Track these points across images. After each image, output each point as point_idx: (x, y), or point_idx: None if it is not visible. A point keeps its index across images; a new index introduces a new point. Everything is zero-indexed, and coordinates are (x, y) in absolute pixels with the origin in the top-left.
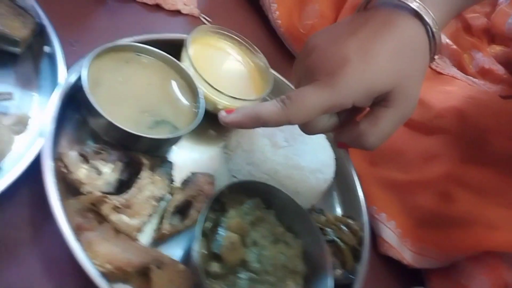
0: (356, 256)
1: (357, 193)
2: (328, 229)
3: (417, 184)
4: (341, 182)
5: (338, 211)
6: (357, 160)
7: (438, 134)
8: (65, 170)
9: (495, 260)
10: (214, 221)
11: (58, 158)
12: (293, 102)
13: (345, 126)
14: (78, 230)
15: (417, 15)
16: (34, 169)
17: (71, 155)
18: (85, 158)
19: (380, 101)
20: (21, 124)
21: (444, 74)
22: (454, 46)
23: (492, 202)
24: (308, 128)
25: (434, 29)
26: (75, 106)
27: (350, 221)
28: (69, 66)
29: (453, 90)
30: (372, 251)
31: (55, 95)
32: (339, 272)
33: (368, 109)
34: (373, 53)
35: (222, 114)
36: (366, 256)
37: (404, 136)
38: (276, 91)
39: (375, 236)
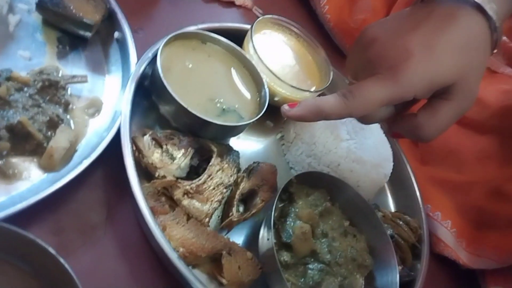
0: (416, 253)
1: (413, 190)
2: (386, 225)
3: (471, 184)
4: (395, 178)
5: (391, 207)
6: (409, 159)
7: (493, 133)
8: (139, 154)
9: None
10: (281, 210)
11: (131, 142)
12: (355, 96)
13: (401, 116)
14: (152, 214)
15: (479, 8)
16: (110, 152)
17: (145, 139)
18: (157, 143)
19: (440, 93)
20: (94, 107)
21: (499, 73)
22: (511, 44)
23: None
24: (366, 119)
25: (497, 24)
26: (143, 93)
27: (407, 218)
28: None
29: (510, 89)
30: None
31: (131, 79)
32: (399, 268)
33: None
34: (437, 48)
35: (285, 108)
36: (425, 254)
37: (458, 134)
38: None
39: (431, 235)
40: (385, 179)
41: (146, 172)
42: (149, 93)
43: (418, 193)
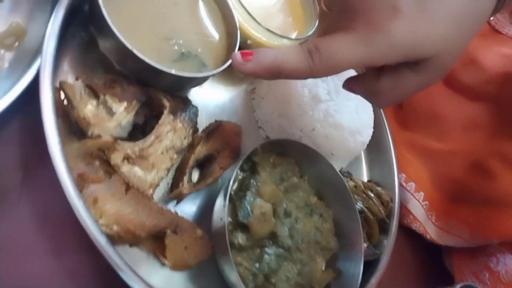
0: (384, 228)
1: (390, 159)
2: (356, 197)
3: (453, 154)
4: (373, 144)
5: (365, 173)
6: (390, 121)
7: (486, 101)
8: (67, 105)
9: None
10: (240, 182)
11: (59, 88)
12: (322, 57)
13: (362, 75)
14: (81, 181)
15: None
16: (29, 99)
17: (76, 86)
18: (93, 92)
19: (411, 63)
20: (13, 36)
21: (503, 34)
22: None
23: None
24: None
25: None
26: (83, 22)
27: (380, 190)
28: None
29: (511, 54)
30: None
31: (59, 3)
32: (364, 246)
33: None
34: (430, 12)
35: (237, 59)
36: (394, 231)
37: (446, 98)
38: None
39: (401, 206)
40: (362, 147)
41: (79, 129)
42: (88, 23)
43: (394, 163)
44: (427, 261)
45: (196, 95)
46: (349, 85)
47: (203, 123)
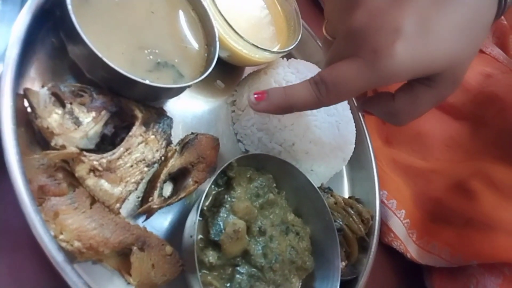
0: (363, 246)
1: (371, 175)
2: (336, 214)
3: (435, 173)
4: (355, 160)
5: (346, 189)
6: (373, 136)
7: (469, 120)
8: (31, 113)
9: None
10: (214, 198)
11: (23, 95)
12: (329, 87)
13: (377, 96)
14: (42, 194)
15: None
16: None
17: (41, 93)
18: (59, 100)
19: (424, 79)
20: None
21: (486, 54)
22: (505, 22)
23: None
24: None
25: None
26: (52, 26)
27: (360, 207)
28: None
29: (494, 74)
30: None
31: (26, 6)
32: (342, 264)
33: None
34: (433, 30)
35: (252, 100)
36: (373, 249)
37: (430, 116)
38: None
39: (382, 224)
40: (343, 163)
41: (43, 140)
42: (58, 29)
43: (376, 180)
44: (407, 281)
45: (173, 106)
46: (364, 107)
47: (179, 135)
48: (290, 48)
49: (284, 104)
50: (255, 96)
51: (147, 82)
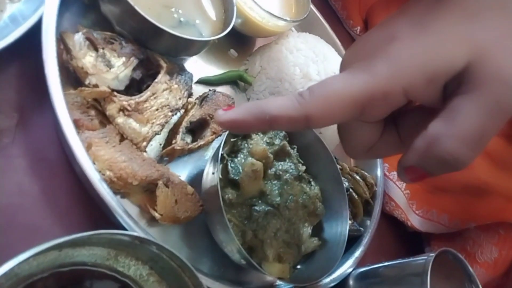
0: (367, 210)
1: None
2: (342, 178)
3: None
4: None
5: (351, 161)
6: None
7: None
8: (67, 55)
9: (507, 231)
10: (232, 145)
11: (59, 39)
12: (314, 93)
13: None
14: (76, 127)
15: None
16: (28, 46)
17: (77, 37)
18: (93, 44)
19: (455, 89)
20: None
21: None
22: None
23: None
24: (344, 141)
25: None
26: None
27: (365, 173)
28: None
29: None
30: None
31: None
32: (349, 222)
33: None
34: (431, 23)
35: (219, 112)
36: (377, 212)
37: None
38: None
39: (384, 194)
40: None
41: (76, 78)
42: None
43: None
44: (407, 247)
45: (191, 71)
46: (402, 164)
47: (196, 93)
48: (301, 18)
49: (257, 110)
50: (223, 108)
51: (175, 33)
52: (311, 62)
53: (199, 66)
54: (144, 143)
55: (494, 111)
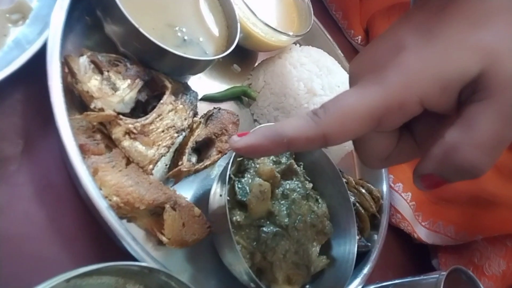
0: (374, 223)
1: None
2: (349, 192)
3: None
4: None
5: (356, 174)
6: None
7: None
8: (72, 79)
9: None
10: (238, 164)
11: (63, 62)
12: (329, 111)
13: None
14: (82, 153)
15: None
16: (33, 71)
17: (81, 60)
18: (97, 68)
19: (469, 96)
20: (19, 13)
21: None
22: None
23: None
24: (361, 152)
25: None
26: (87, 7)
27: (371, 187)
28: None
29: None
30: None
31: None
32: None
33: None
34: (437, 30)
35: (234, 139)
36: (384, 225)
37: None
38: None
39: (389, 206)
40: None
41: (81, 102)
42: (93, 8)
43: None
44: (415, 260)
45: (194, 87)
46: (418, 172)
47: (201, 111)
48: (304, 32)
49: (272, 134)
50: (238, 134)
51: (179, 53)
52: (315, 77)
53: (202, 82)
54: (151, 166)
55: (507, 116)
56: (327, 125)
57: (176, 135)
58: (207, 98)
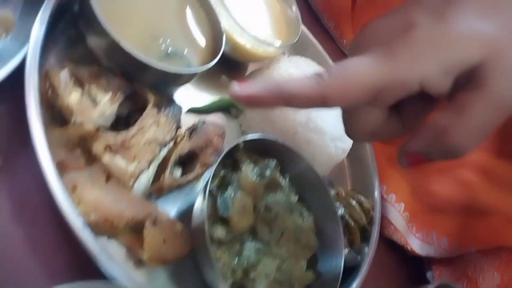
0: (365, 236)
1: (370, 169)
2: (338, 204)
3: (433, 168)
4: (354, 155)
5: (348, 184)
6: None
7: None
8: (52, 93)
9: (508, 255)
10: (221, 179)
11: (44, 76)
12: (334, 75)
13: (417, 129)
14: (61, 169)
15: None
16: (12, 87)
17: (62, 74)
18: (78, 81)
19: (464, 83)
20: (2, 26)
21: None
22: None
23: None
24: (349, 124)
25: None
26: (70, 19)
27: (361, 198)
28: None
29: None
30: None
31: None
32: (345, 251)
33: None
34: (451, 12)
35: (234, 86)
36: (375, 238)
37: None
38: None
39: (382, 217)
40: (343, 154)
41: (61, 117)
42: (76, 21)
43: (375, 173)
44: (408, 273)
45: (181, 100)
46: (405, 149)
47: (186, 124)
48: (290, 43)
49: (275, 87)
50: (238, 81)
51: (161, 66)
52: None
53: (190, 94)
54: (132, 181)
55: (498, 107)
56: (328, 88)
57: (158, 149)
58: (193, 111)
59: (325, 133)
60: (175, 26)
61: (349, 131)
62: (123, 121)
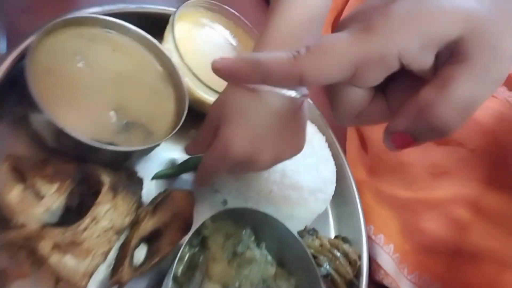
0: None
1: (356, 212)
2: (322, 257)
3: (422, 204)
4: (338, 196)
5: (332, 228)
6: (355, 167)
7: (452, 146)
8: None
9: None
10: (190, 259)
11: None
12: (310, 50)
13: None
14: (3, 278)
15: None
16: None
17: (1, 170)
18: (20, 174)
19: (447, 58)
20: None
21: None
22: None
23: (510, 235)
24: (335, 105)
25: None
26: (17, 98)
27: (347, 248)
28: (14, 41)
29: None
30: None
31: None
32: None
33: None
34: None
35: (216, 60)
36: None
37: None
38: None
39: (371, 261)
40: (324, 205)
41: (3, 218)
42: (20, 104)
43: (361, 217)
44: None
45: (146, 161)
46: (390, 130)
47: (152, 192)
48: None
49: (252, 61)
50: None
51: (111, 147)
52: None
53: (157, 155)
54: (84, 282)
55: (483, 80)
56: (305, 63)
57: (115, 237)
58: (159, 177)
59: (302, 187)
60: (132, 93)
61: (335, 113)
62: (76, 210)
